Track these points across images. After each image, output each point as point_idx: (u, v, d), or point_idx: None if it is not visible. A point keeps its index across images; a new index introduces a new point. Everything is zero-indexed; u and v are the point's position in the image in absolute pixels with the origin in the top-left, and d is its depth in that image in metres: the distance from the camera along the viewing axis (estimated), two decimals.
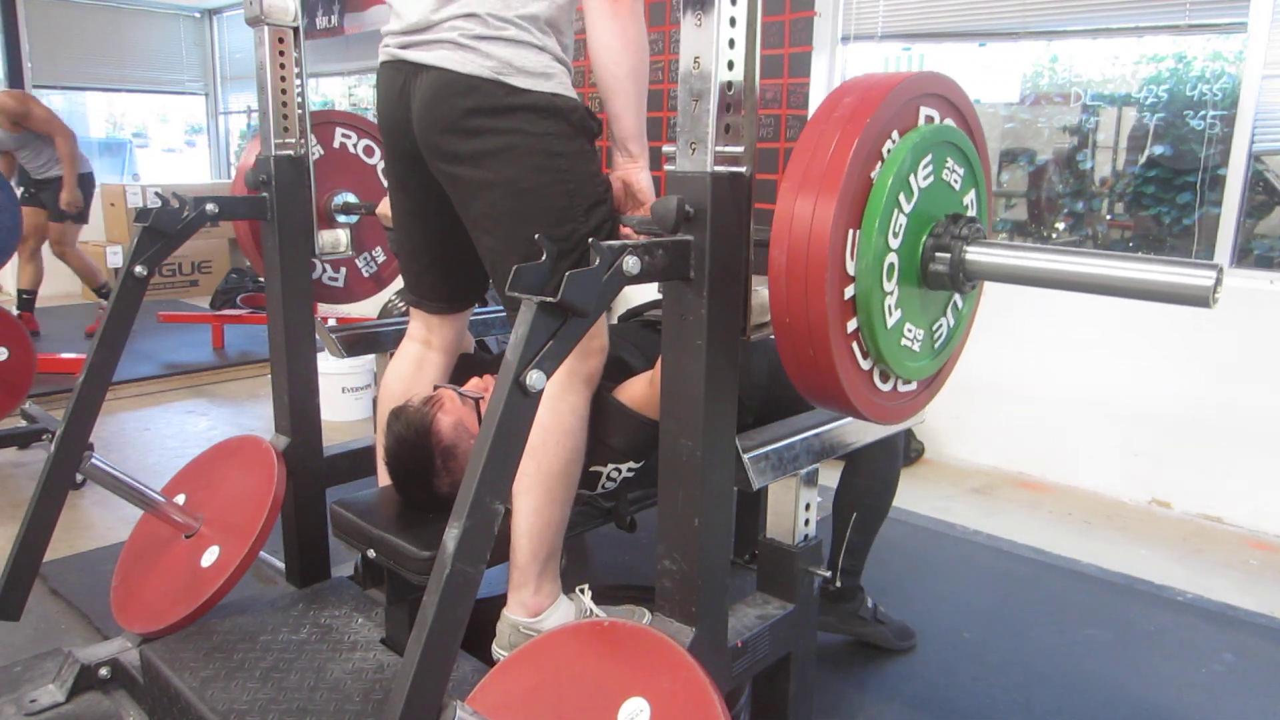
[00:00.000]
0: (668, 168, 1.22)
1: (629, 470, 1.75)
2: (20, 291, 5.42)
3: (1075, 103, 3.51)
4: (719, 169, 1.18)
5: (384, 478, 1.83)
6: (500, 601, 1.63)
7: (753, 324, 1.32)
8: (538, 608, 1.59)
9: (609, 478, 1.74)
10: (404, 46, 1.59)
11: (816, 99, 3.90)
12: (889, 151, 1.15)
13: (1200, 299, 1.02)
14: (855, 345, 1.18)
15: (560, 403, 1.56)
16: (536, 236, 1.09)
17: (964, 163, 1.28)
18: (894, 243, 1.16)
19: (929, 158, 1.19)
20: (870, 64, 3.90)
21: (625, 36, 1.49)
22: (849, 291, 1.14)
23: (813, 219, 1.08)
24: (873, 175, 1.14)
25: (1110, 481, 3.29)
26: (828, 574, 1.57)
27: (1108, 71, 3.41)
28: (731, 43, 1.17)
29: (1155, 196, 3.42)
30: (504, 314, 2.32)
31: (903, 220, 1.16)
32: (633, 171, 1.62)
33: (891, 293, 1.18)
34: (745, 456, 1.37)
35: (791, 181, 1.12)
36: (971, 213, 1.31)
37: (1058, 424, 3.37)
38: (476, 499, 1.07)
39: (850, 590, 2.09)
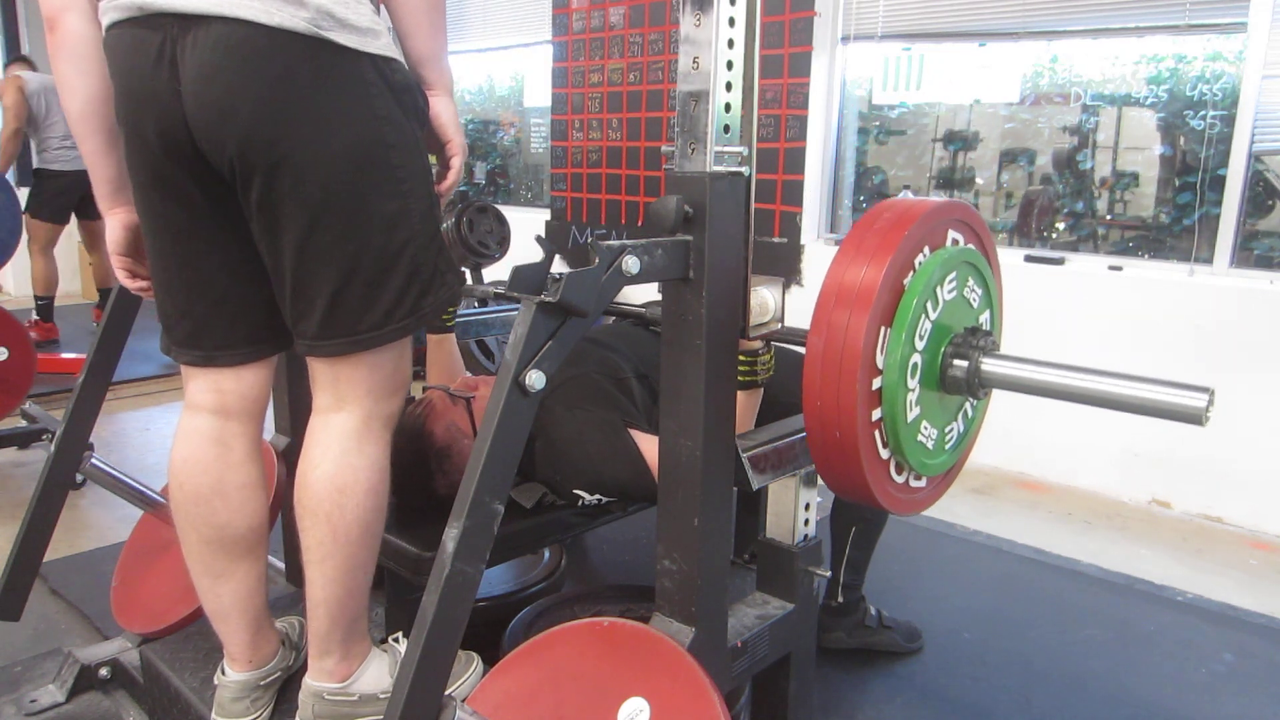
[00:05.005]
0: (667, 168, 1.22)
1: (607, 500, 1.73)
2: (36, 297, 5.38)
3: (1075, 103, 3.51)
4: (718, 169, 1.18)
5: None
6: (501, 602, 1.63)
7: (752, 324, 1.33)
8: (345, 672, 1.40)
9: (585, 501, 1.69)
10: None
11: (816, 99, 3.90)
12: (920, 264, 1.25)
13: (1194, 418, 1.17)
14: (877, 434, 1.24)
15: (359, 457, 1.31)
16: (536, 237, 1.07)
17: (982, 284, 1.38)
18: (919, 344, 1.25)
19: (954, 274, 1.29)
20: (870, 64, 3.90)
21: None
22: (876, 383, 1.22)
23: (850, 314, 1.19)
24: (905, 282, 1.23)
25: (1110, 481, 3.29)
26: (828, 574, 1.57)
27: (1108, 71, 3.41)
28: (731, 43, 1.17)
29: (1155, 196, 3.42)
30: (503, 313, 2.31)
31: (928, 326, 1.26)
32: (435, 101, 1.34)
33: (913, 390, 1.26)
34: (745, 456, 1.37)
35: (833, 280, 1.21)
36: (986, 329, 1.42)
37: (1058, 424, 3.37)
38: (476, 499, 1.07)
39: (853, 604, 2.09)
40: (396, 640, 1.51)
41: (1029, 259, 3.48)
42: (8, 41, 7.02)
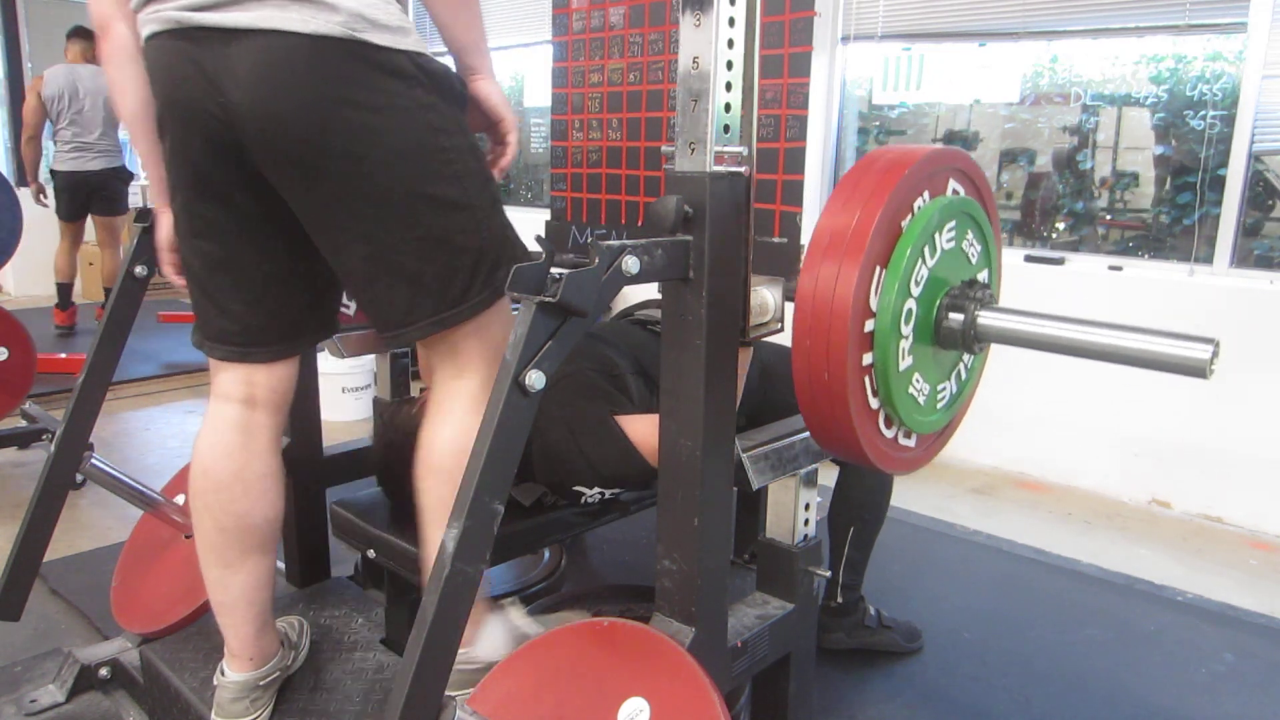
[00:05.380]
0: (667, 168, 1.22)
1: (610, 494, 1.73)
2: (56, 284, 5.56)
3: (1075, 103, 3.51)
4: (718, 169, 1.18)
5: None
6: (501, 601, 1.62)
7: (752, 324, 1.33)
8: (467, 638, 1.41)
9: (589, 499, 1.69)
10: (195, 8, 1.20)
11: (816, 99, 3.90)
12: (919, 208, 1.22)
13: (1197, 370, 1.10)
14: (867, 380, 1.21)
15: (477, 419, 1.33)
16: (536, 237, 1.07)
17: (981, 240, 1.35)
18: (914, 290, 1.22)
19: (953, 223, 1.26)
20: (870, 64, 3.90)
21: None
22: (869, 325, 1.18)
23: (845, 253, 1.14)
24: (903, 225, 1.20)
25: (1110, 481, 3.29)
26: (828, 574, 1.57)
27: (1108, 71, 3.41)
28: (731, 43, 1.17)
29: (1155, 196, 3.42)
30: None
31: (924, 272, 1.22)
32: (479, 83, 1.38)
33: (907, 338, 1.23)
34: (745, 456, 1.37)
35: (828, 219, 1.17)
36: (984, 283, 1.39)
37: (1058, 424, 3.37)
38: (476, 499, 1.07)
39: (852, 604, 2.09)
40: (510, 605, 1.55)
41: (1029, 259, 3.48)
42: (8, 43, 7.01)
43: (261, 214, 1.33)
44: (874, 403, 1.23)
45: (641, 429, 1.59)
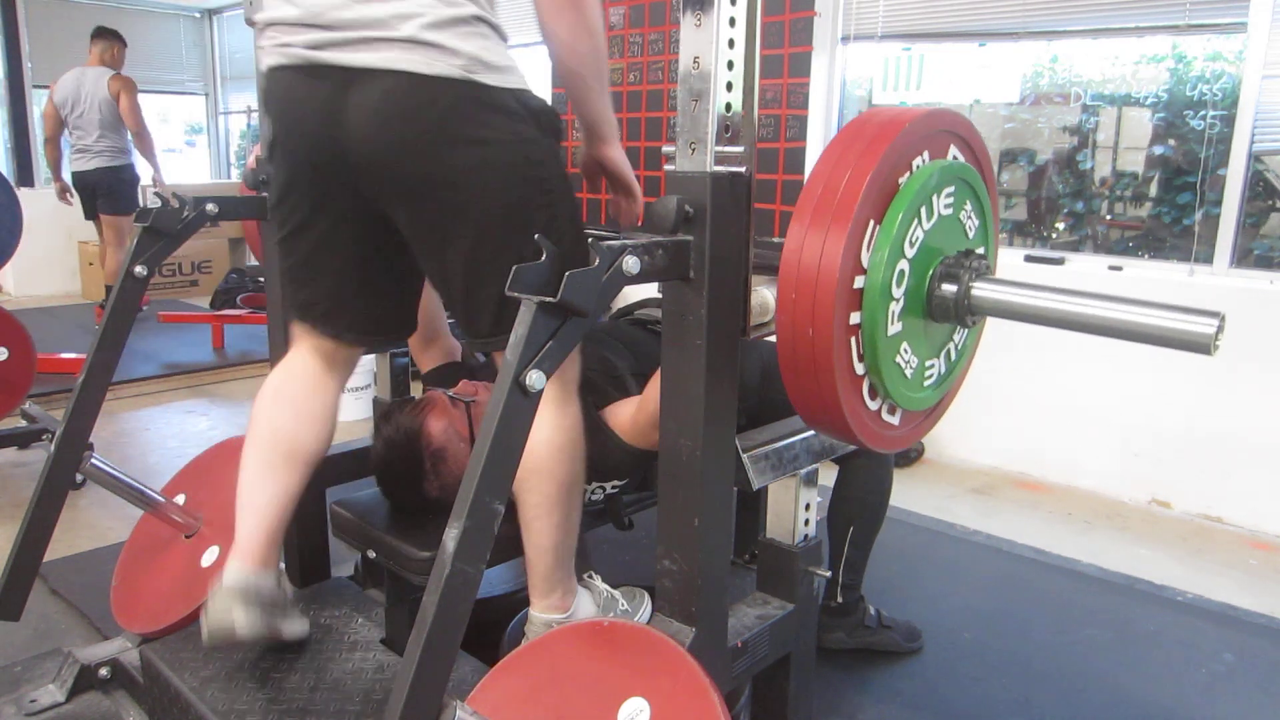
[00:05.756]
0: (668, 168, 1.22)
1: (613, 488, 1.75)
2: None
3: (1075, 103, 3.51)
4: (719, 169, 1.18)
5: None
6: (501, 602, 1.63)
7: (752, 324, 1.33)
8: (567, 605, 1.55)
9: (592, 495, 1.73)
10: (318, 46, 1.32)
11: (817, 99, 3.90)
12: (918, 166, 1.18)
13: (1202, 346, 1.05)
14: (854, 342, 1.17)
15: (565, 418, 1.46)
16: (536, 236, 1.07)
17: (980, 214, 1.31)
18: (909, 251, 1.17)
19: (952, 189, 1.22)
20: (870, 64, 3.90)
21: (581, 24, 1.38)
22: (859, 282, 1.14)
23: (839, 201, 1.09)
24: (900, 181, 1.16)
25: (1110, 481, 3.29)
26: (828, 574, 1.57)
27: (1108, 71, 3.41)
28: (731, 43, 1.17)
29: (1155, 196, 3.42)
30: None
31: (920, 235, 1.18)
32: (604, 150, 1.54)
33: (898, 301, 1.18)
34: (745, 456, 1.37)
35: (824, 167, 1.13)
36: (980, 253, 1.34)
37: (1058, 424, 3.37)
38: (476, 499, 1.07)
39: (852, 604, 2.09)
40: (591, 577, 1.66)
41: (1029, 259, 3.48)
42: (8, 43, 7.02)
43: (367, 228, 1.47)
44: (859, 368, 1.19)
45: (621, 417, 1.65)
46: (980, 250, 1.33)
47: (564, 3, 1.37)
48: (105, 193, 5.37)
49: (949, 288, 1.22)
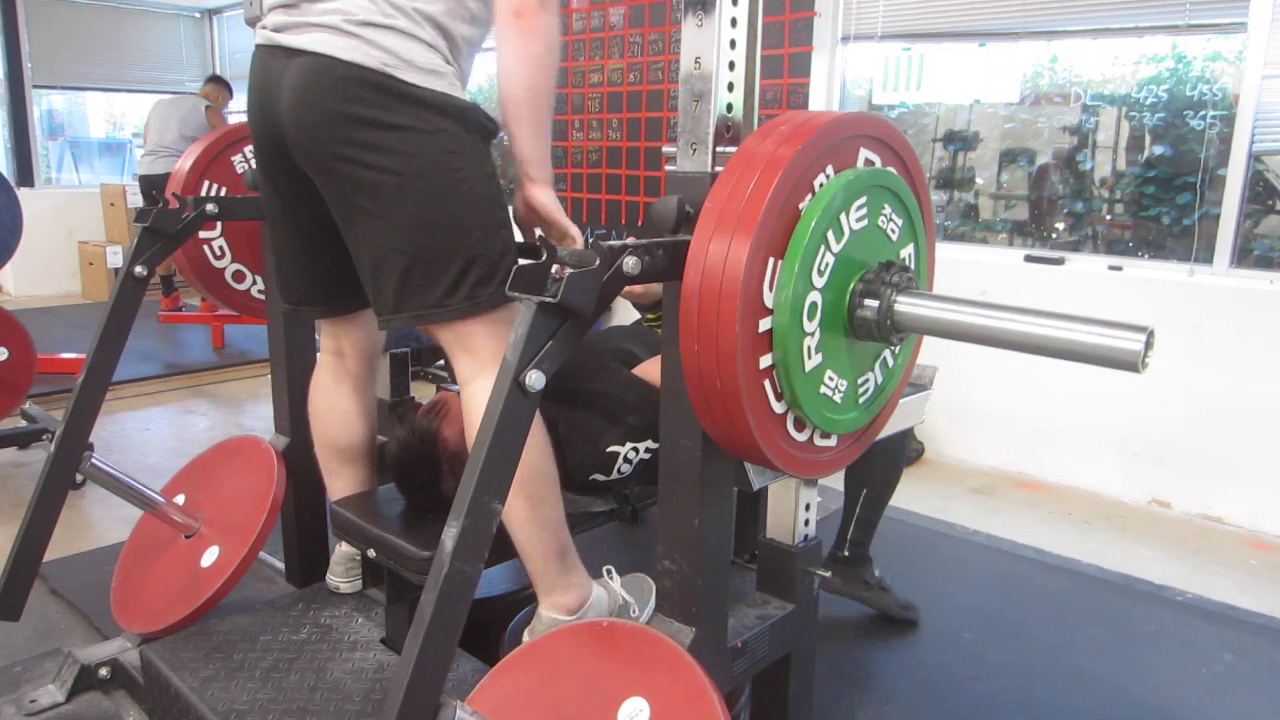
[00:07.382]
0: (668, 168, 1.22)
1: (646, 451, 1.73)
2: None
3: (1075, 103, 3.51)
4: (719, 169, 1.18)
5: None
6: (501, 602, 1.63)
7: None
8: (572, 604, 1.55)
9: (625, 459, 1.71)
10: (278, 29, 1.47)
11: (816, 99, 3.90)
12: (821, 185, 1.11)
13: (1129, 363, 0.99)
14: (768, 384, 1.12)
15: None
16: (537, 235, 1.07)
17: (903, 214, 1.24)
18: (818, 280, 1.11)
19: (863, 200, 1.15)
20: (870, 64, 3.90)
21: (526, 55, 1.39)
22: (765, 324, 1.08)
23: (731, 242, 1.01)
24: (801, 207, 1.09)
25: (1110, 481, 3.29)
26: (828, 574, 1.57)
27: (1108, 71, 3.41)
28: (733, 43, 1.17)
29: (1155, 197, 3.42)
30: None
31: (830, 259, 1.11)
32: (533, 191, 1.48)
33: (813, 334, 1.12)
34: None
35: (714, 201, 1.06)
36: (905, 265, 1.27)
37: (1058, 424, 3.37)
38: (475, 498, 1.07)
39: (857, 558, 2.17)
40: (610, 573, 1.68)
41: (1029, 259, 3.48)
42: (8, 43, 7.02)
43: (305, 200, 1.55)
44: (779, 407, 1.13)
45: (652, 370, 1.70)
46: (908, 250, 1.26)
47: (516, 26, 1.39)
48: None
49: (871, 304, 1.16)
